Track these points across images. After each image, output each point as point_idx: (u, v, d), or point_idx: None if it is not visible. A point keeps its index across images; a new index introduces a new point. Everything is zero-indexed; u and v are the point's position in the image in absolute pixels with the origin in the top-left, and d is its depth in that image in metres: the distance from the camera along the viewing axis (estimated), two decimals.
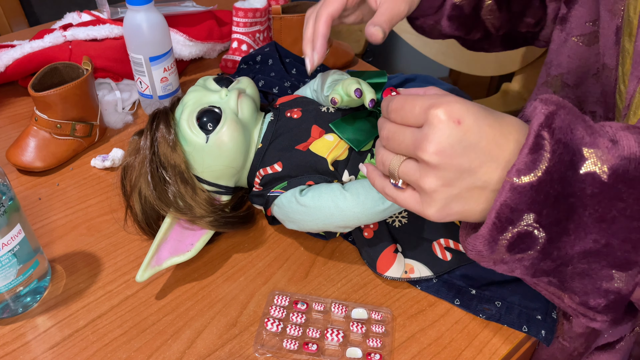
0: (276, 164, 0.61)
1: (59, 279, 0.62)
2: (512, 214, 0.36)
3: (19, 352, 0.55)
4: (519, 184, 0.35)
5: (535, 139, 0.35)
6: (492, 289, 0.60)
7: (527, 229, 0.36)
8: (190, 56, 0.99)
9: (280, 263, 0.65)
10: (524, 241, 0.37)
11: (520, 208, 0.35)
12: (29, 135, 0.76)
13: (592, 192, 0.35)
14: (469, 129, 0.37)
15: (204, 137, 0.60)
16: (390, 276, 0.61)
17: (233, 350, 0.55)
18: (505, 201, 0.36)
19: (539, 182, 0.35)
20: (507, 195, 0.35)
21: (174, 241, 0.62)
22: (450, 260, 0.61)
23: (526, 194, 0.35)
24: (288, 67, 0.89)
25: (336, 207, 0.56)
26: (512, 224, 0.36)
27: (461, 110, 0.37)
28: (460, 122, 0.37)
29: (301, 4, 1.03)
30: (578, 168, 0.36)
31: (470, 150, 0.37)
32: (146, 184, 0.60)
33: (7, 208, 0.53)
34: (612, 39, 0.52)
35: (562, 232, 0.36)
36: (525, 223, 0.36)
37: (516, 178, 0.35)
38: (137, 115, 0.91)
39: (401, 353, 0.55)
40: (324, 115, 0.63)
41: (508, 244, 0.37)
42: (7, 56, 0.86)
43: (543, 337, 0.56)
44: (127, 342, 0.56)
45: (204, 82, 0.66)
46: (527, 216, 0.36)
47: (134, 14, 0.79)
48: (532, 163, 0.35)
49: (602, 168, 0.35)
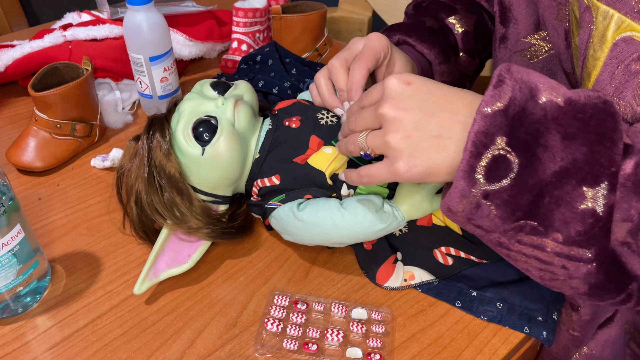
0: (274, 177, 0.61)
1: (58, 279, 0.62)
2: (485, 137, 0.40)
3: (19, 352, 0.55)
4: (488, 112, 0.40)
5: (498, 78, 0.41)
6: (493, 290, 0.60)
7: (500, 152, 0.40)
8: (190, 56, 0.99)
9: (280, 263, 0.65)
10: (499, 166, 0.40)
11: (492, 132, 0.40)
12: (29, 135, 0.76)
13: (553, 116, 0.41)
14: (419, 87, 0.45)
15: (200, 149, 0.59)
16: (390, 286, 0.61)
17: (233, 351, 0.55)
18: (479, 129, 0.40)
19: (505, 107, 0.40)
20: (480, 124, 0.40)
21: (171, 252, 0.61)
22: (452, 264, 0.61)
23: (495, 118, 0.40)
24: (288, 67, 0.89)
25: (334, 225, 0.56)
26: (486, 147, 0.40)
27: (410, 76, 0.45)
28: (410, 83, 0.45)
29: (301, 4, 1.03)
30: (538, 98, 0.41)
31: (422, 102, 0.44)
32: (143, 192, 0.59)
33: (7, 208, 0.53)
34: (564, 44, 0.55)
35: (533, 156, 0.40)
36: (499, 146, 0.40)
37: (485, 108, 0.40)
38: (137, 115, 0.91)
39: (401, 353, 0.55)
40: (323, 127, 0.62)
41: (486, 170, 0.40)
42: (7, 56, 0.86)
43: (544, 338, 0.56)
44: (127, 342, 0.56)
45: (200, 88, 0.64)
46: (500, 140, 0.40)
47: (134, 14, 0.79)
48: (497, 95, 0.40)
49: (556, 98, 0.41)
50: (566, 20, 0.54)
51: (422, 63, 0.67)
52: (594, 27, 0.46)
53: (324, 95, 0.62)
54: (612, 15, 0.44)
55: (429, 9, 0.73)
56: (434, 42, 0.68)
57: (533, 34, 0.60)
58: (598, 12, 0.45)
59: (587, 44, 0.47)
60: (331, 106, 0.61)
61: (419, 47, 0.68)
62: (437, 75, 0.69)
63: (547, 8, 0.56)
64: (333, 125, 0.62)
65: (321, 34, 1.03)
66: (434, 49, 0.68)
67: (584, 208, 0.40)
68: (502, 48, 0.64)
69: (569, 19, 0.53)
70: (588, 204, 0.40)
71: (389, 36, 0.70)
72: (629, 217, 0.40)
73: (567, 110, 0.40)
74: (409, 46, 0.69)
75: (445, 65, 0.68)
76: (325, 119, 0.63)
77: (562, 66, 0.58)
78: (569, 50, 0.55)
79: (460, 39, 0.71)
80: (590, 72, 0.47)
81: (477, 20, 0.73)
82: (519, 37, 0.62)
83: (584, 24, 0.47)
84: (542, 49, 0.60)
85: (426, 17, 0.72)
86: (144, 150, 0.60)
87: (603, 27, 0.45)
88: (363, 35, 1.36)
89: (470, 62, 0.72)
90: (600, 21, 0.45)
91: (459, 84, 0.72)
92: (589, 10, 0.46)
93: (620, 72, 0.44)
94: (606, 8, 0.45)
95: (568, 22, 0.54)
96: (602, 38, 0.45)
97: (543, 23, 0.58)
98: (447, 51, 0.69)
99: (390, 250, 0.62)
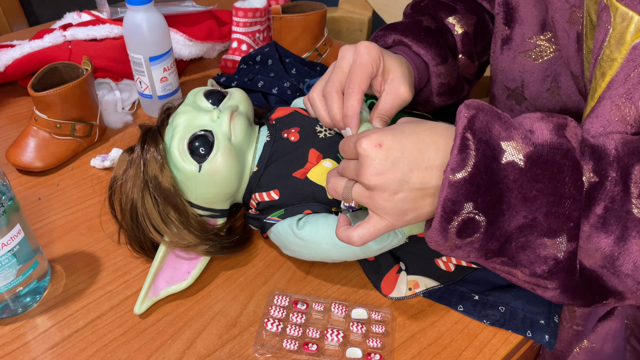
0: (273, 192, 0.60)
1: (58, 279, 0.62)
2: (454, 205, 0.42)
3: (19, 352, 0.55)
4: (454, 180, 0.42)
5: (462, 141, 0.42)
6: (495, 294, 0.60)
7: (469, 215, 0.43)
8: (190, 56, 0.99)
9: (280, 263, 0.65)
10: (469, 226, 0.43)
11: (460, 200, 0.42)
12: (29, 135, 0.76)
13: (514, 178, 0.42)
14: (390, 147, 0.45)
15: (197, 165, 0.58)
16: (395, 297, 0.60)
17: (233, 351, 0.55)
18: (447, 196, 0.42)
19: (470, 176, 0.42)
20: (447, 191, 0.42)
21: (170, 269, 0.61)
22: (454, 271, 0.61)
23: (462, 187, 0.42)
24: (288, 67, 0.88)
25: (334, 244, 0.55)
26: (455, 214, 0.43)
27: (379, 136, 0.45)
28: (381, 144, 0.45)
29: (301, 4, 1.03)
30: (500, 159, 0.43)
31: (398, 162, 0.45)
32: (139, 205, 0.59)
33: (6, 208, 0.53)
34: (574, 47, 0.55)
35: (498, 213, 0.43)
36: (466, 211, 0.42)
37: (451, 175, 0.42)
38: (137, 115, 0.91)
39: (401, 353, 0.55)
40: (322, 139, 0.61)
41: (457, 231, 0.44)
42: (7, 56, 0.86)
43: (546, 341, 0.56)
44: (127, 343, 0.56)
45: (193, 99, 0.63)
46: (467, 205, 0.42)
47: (134, 14, 0.79)
48: (462, 161, 0.42)
49: (518, 156, 0.43)
50: (579, 23, 0.53)
51: (419, 64, 0.66)
52: (611, 27, 0.46)
53: (333, 117, 0.60)
54: (632, 17, 0.44)
55: (427, 9, 0.72)
56: (431, 42, 0.67)
57: (539, 35, 0.60)
58: (617, 13, 0.45)
59: (602, 44, 0.47)
60: (340, 128, 0.59)
61: (415, 48, 0.66)
62: (434, 77, 0.68)
63: (559, 10, 0.55)
64: (332, 137, 0.62)
65: (321, 34, 1.03)
66: (430, 49, 0.67)
67: (545, 254, 0.44)
68: (505, 49, 0.64)
69: (583, 22, 0.53)
70: (550, 250, 0.44)
71: (384, 36, 0.69)
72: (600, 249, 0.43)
73: (527, 172, 0.42)
74: (405, 46, 0.68)
75: (443, 66, 0.68)
76: (324, 131, 0.62)
77: (570, 69, 0.57)
78: (579, 53, 0.54)
79: (459, 40, 0.70)
80: (605, 72, 0.47)
81: (477, 21, 0.71)
82: (524, 38, 0.61)
83: (601, 23, 0.47)
84: (547, 49, 0.60)
85: (424, 16, 0.70)
86: (138, 163, 0.59)
87: (622, 29, 0.45)
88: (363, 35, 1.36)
89: (470, 64, 0.72)
90: (618, 22, 0.45)
91: (458, 87, 0.71)
92: (607, 10, 0.46)
93: (636, 74, 0.44)
94: (626, 10, 0.44)
95: (581, 26, 0.53)
96: (620, 40, 0.45)
97: (551, 25, 0.57)
98: (445, 52, 0.68)
99: (393, 261, 0.62)
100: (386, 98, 0.59)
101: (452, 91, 0.70)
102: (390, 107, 0.59)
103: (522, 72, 0.63)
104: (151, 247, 0.62)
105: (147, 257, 0.63)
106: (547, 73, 0.60)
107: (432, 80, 0.68)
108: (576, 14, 0.53)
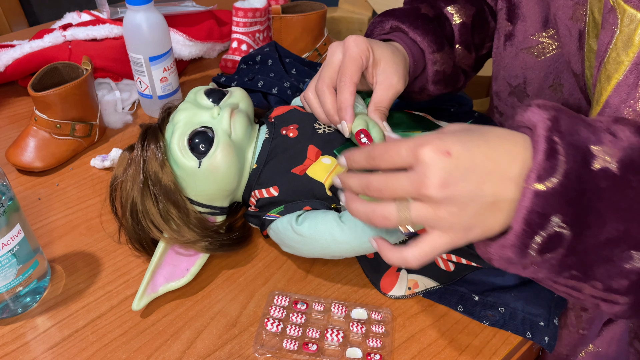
0: (272, 188, 0.60)
1: (58, 279, 0.62)
2: (540, 219, 0.38)
3: (19, 352, 0.55)
4: (542, 190, 0.37)
5: (549, 144, 0.38)
6: (495, 295, 0.60)
7: (555, 230, 0.38)
8: (190, 56, 0.99)
9: (280, 263, 0.65)
10: (553, 241, 0.38)
11: (547, 212, 0.37)
12: (29, 135, 0.76)
13: (607, 186, 0.38)
14: (460, 155, 0.39)
15: (197, 161, 0.58)
16: (395, 295, 0.60)
17: (233, 351, 0.55)
18: (533, 208, 0.37)
19: (561, 185, 0.37)
20: (533, 202, 0.37)
21: (169, 266, 0.61)
22: (453, 270, 0.60)
23: (551, 198, 0.37)
24: (288, 67, 0.88)
25: (333, 240, 0.55)
26: (542, 228, 0.38)
27: (446, 142, 0.40)
28: (450, 152, 0.39)
29: (301, 4, 1.03)
30: (591, 165, 0.38)
31: (469, 173, 0.39)
32: (139, 203, 0.59)
33: (6, 208, 0.53)
34: (575, 45, 0.54)
35: (585, 226, 0.38)
36: (553, 225, 0.38)
37: (538, 184, 0.37)
38: (137, 115, 0.91)
39: (401, 353, 0.55)
40: (321, 136, 0.61)
41: (539, 248, 0.39)
42: (7, 56, 0.86)
43: (546, 343, 0.56)
44: (127, 343, 0.56)
45: (194, 97, 0.63)
46: (555, 218, 0.37)
47: (134, 14, 0.79)
48: (550, 168, 0.37)
49: (611, 162, 0.38)
50: (582, 21, 0.53)
51: (414, 51, 0.65)
52: (617, 29, 0.44)
53: (327, 112, 0.60)
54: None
55: None
56: (428, 29, 0.66)
57: (541, 32, 0.59)
58: (624, 15, 0.44)
59: (607, 46, 0.45)
60: (335, 122, 0.60)
61: (412, 34, 0.65)
62: (429, 64, 0.67)
63: (561, 7, 0.55)
64: (331, 133, 0.62)
65: (321, 34, 1.03)
66: (427, 36, 0.65)
67: (630, 268, 0.39)
68: (508, 45, 0.64)
69: (586, 19, 0.52)
70: (635, 264, 0.39)
71: (382, 22, 0.68)
72: None
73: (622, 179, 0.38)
74: (402, 33, 0.67)
75: (439, 54, 0.66)
76: (323, 128, 0.62)
77: (571, 67, 0.57)
78: (580, 51, 0.54)
79: (457, 30, 0.69)
80: (610, 75, 0.46)
81: (476, 12, 0.71)
82: (526, 35, 0.61)
83: (607, 25, 0.46)
84: (549, 46, 0.59)
85: (422, 4, 0.70)
86: (138, 161, 0.59)
87: (629, 31, 0.44)
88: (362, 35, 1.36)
89: (467, 55, 0.70)
90: (626, 24, 0.44)
91: (453, 76, 0.70)
92: (613, 12, 0.45)
93: None
94: (634, 12, 0.43)
95: (584, 23, 0.52)
96: (627, 42, 0.44)
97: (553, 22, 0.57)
98: (442, 40, 0.67)
99: None
100: (380, 89, 0.59)
101: (448, 80, 0.69)
102: (385, 97, 0.59)
103: (525, 68, 0.63)
104: (151, 245, 0.62)
105: (147, 255, 0.63)
106: (549, 70, 0.60)
107: (427, 67, 0.67)
108: (579, 12, 0.53)
